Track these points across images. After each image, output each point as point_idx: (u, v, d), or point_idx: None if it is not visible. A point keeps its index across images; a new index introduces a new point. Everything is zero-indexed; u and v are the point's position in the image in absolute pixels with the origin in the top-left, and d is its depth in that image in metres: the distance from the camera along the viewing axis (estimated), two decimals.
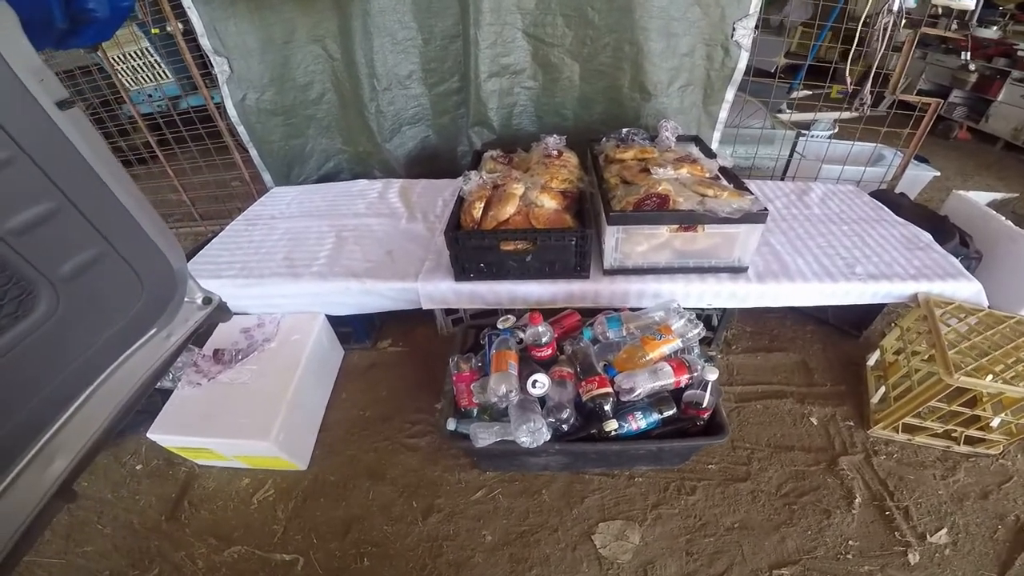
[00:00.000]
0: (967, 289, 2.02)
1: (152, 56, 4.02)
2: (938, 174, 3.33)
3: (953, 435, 1.94)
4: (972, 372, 1.66)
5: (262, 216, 2.58)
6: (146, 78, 4.16)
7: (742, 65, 2.52)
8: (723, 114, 2.74)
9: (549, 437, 1.51)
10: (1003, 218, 2.53)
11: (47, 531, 1.78)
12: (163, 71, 4.10)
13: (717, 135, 2.82)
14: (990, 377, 1.67)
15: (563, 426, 1.58)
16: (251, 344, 2.02)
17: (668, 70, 2.53)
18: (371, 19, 2.44)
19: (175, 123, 3.07)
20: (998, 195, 2.85)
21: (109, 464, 2.02)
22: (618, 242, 1.92)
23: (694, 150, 2.32)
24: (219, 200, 3.42)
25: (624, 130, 2.38)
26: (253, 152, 2.95)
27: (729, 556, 1.66)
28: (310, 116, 2.82)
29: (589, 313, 1.93)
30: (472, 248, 1.92)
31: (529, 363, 1.71)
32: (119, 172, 1.01)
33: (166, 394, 1.86)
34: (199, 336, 1.35)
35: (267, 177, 3.05)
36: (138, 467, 2.01)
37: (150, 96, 4.11)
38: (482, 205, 1.96)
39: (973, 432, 1.90)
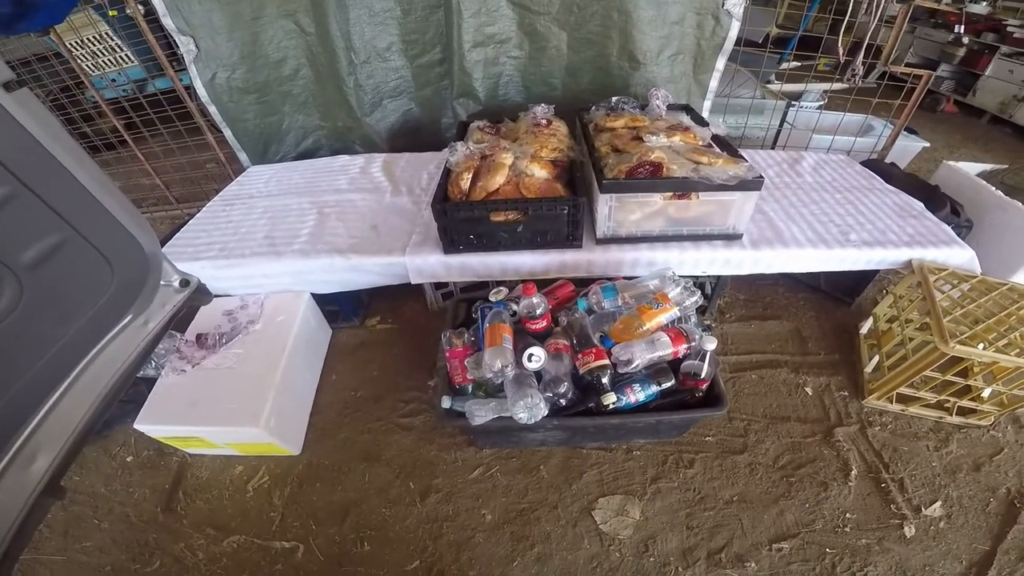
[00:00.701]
0: (960, 256, 2.01)
1: (112, 40, 3.84)
2: (928, 145, 3.32)
3: (946, 406, 1.94)
4: (966, 340, 1.65)
5: (240, 196, 2.48)
6: (108, 63, 3.98)
7: (733, 35, 2.48)
8: (713, 83, 2.70)
9: (547, 412, 1.47)
10: (993, 188, 2.54)
11: (44, 528, 1.74)
12: (126, 55, 3.93)
13: (707, 104, 2.78)
14: (982, 345, 1.66)
15: (561, 400, 1.54)
16: (235, 327, 1.94)
17: (658, 39, 2.47)
18: None
19: (143, 107, 2.94)
20: (987, 166, 2.86)
21: (99, 457, 1.95)
22: (611, 210, 1.87)
23: (685, 118, 2.27)
24: (194, 182, 3.31)
25: (614, 99, 2.32)
26: (227, 132, 2.84)
27: (729, 530, 1.65)
28: (285, 93, 2.72)
29: (582, 283, 1.88)
30: (461, 220, 1.86)
31: (524, 336, 1.66)
32: (80, 155, 0.95)
33: (150, 382, 1.79)
34: (180, 321, 1.30)
35: (243, 157, 2.94)
36: (129, 459, 1.94)
37: (114, 81, 3.94)
38: (470, 176, 1.90)
39: (966, 403, 1.90)
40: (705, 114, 2.76)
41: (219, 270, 2.01)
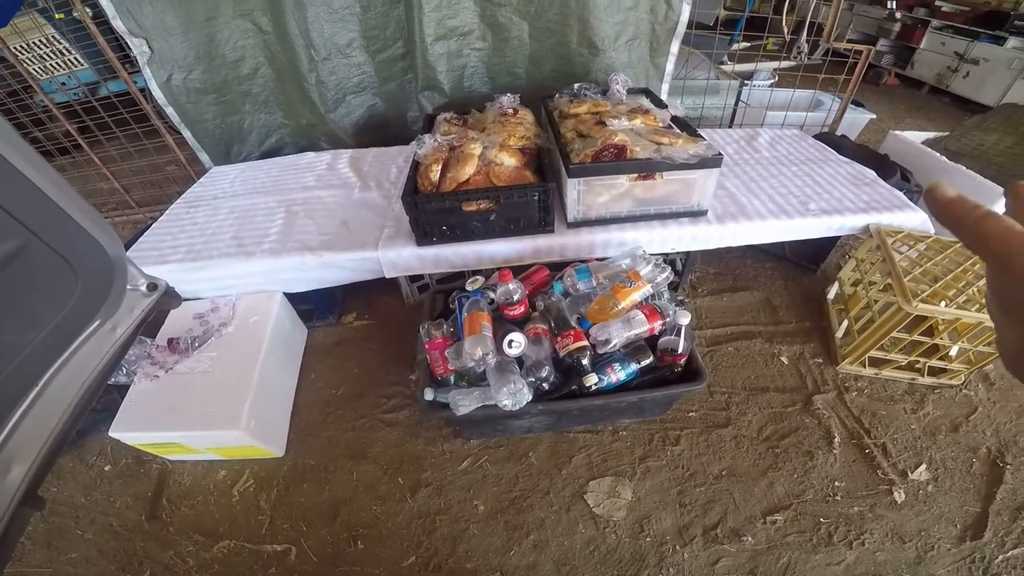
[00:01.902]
0: (914, 219, 2.11)
1: (60, 43, 3.68)
2: (874, 116, 3.47)
3: (917, 367, 2.03)
4: (928, 299, 1.73)
5: (203, 197, 2.42)
6: (57, 66, 3.81)
7: (684, 18, 2.54)
8: (669, 67, 2.76)
9: (531, 397, 1.48)
10: (938, 154, 2.68)
11: (26, 541, 1.70)
12: (75, 58, 3.77)
13: (665, 87, 2.83)
14: (944, 303, 1.74)
15: (543, 384, 1.56)
16: (207, 330, 1.90)
17: (614, 24, 2.51)
18: None
19: (96, 110, 2.83)
20: (931, 134, 3.01)
21: (75, 467, 1.90)
22: (580, 194, 1.90)
23: (645, 101, 2.31)
24: (155, 185, 3.21)
25: (576, 85, 2.35)
26: (187, 133, 2.76)
27: (722, 505, 1.68)
28: (245, 92, 2.66)
29: (557, 267, 1.91)
30: (433, 211, 1.86)
31: (503, 323, 1.67)
32: (32, 156, 0.91)
33: (123, 389, 1.74)
34: (150, 326, 1.26)
35: (204, 158, 2.86)
36: (107, 468, 1.90)
37: (64, 84, 3.78)
38: (439, 168, 1.90)
39: (935, 363, 1.99)
40: (663, 97, 2.81)
41: (187, 273, 1.97)
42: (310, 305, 2.26)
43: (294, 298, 2.14)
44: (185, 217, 2.27)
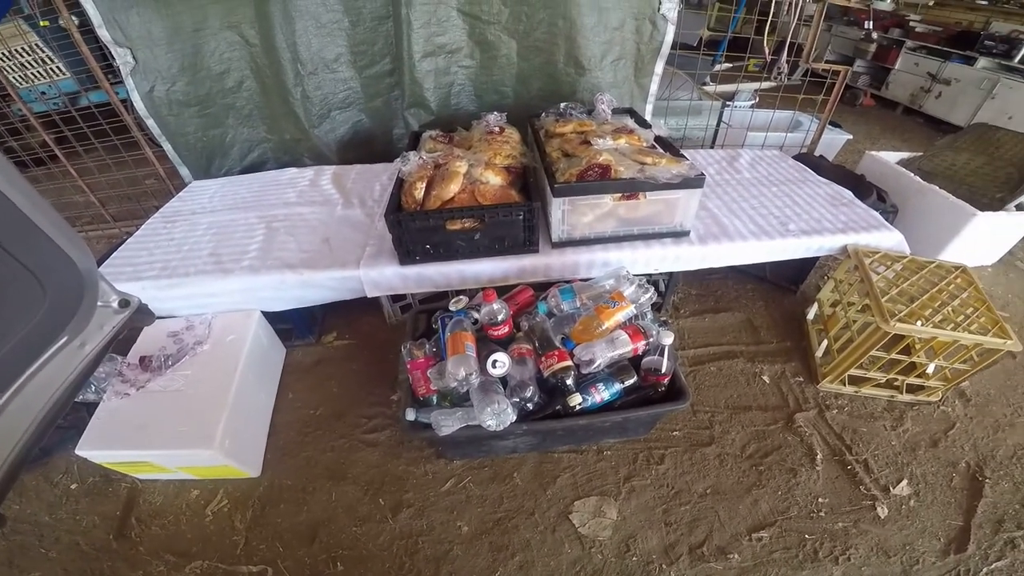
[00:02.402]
0: (890, 239, 2.16)
1: (43, 51, 3.62)
2: (851, 137, 3.56)
3: (895, 384, 2.06)
4: (905, 318, 1.77)
5: (181, 212, 2.38)
6: (38, 75, 3.75)
7: (669, 38, 2.58)
8: (654, 87, 2.80)
9: (515, 418, 1.47)
10: (912, 174, 2.75)
11: None
12: (57, 67, 3.71)
13: (649, 107, 2.87)
14: (920, 322, 1.78)
15: (528, 405, 1.54)
16: (181, 348, 1.86)
17: (601, 44, 2.54)
18: (291, 2, 2.32)
19: (75, 120, 2.78)
20: (905, 154, 3.09)
21: (39, 485, 1.84)
22: (564, 214, 1.91)
23: (629, 121, 2.34)
24: (132, 199, 3.15)
25: (562, 105, 2.37)
26: (167, 146, 2.72)
27: (707, 523, 1.68)
28: (228, 105, 2.63)
29: (542, 287, 1.91)
30: (416, 230, 1.85)
31: (486, 343, 1.66)
32: (3, 166, 0.88)
33: (92, 407, 1.69)
34: (121, 343, 1.24)
35: (184, 172, 2.82)
36: (73, 486, 1.84)
37: (44, 93, 3.71)
38: (423, 185, 1.89)
39: (913, 380, 2.02)
40: (647, 117, 2.85)
41: (162, 290, 1.92)
42: (289, 324, 2.22)
43: (273, 317, 2.10)
44: (162, 232, 2.23)
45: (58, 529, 1.71)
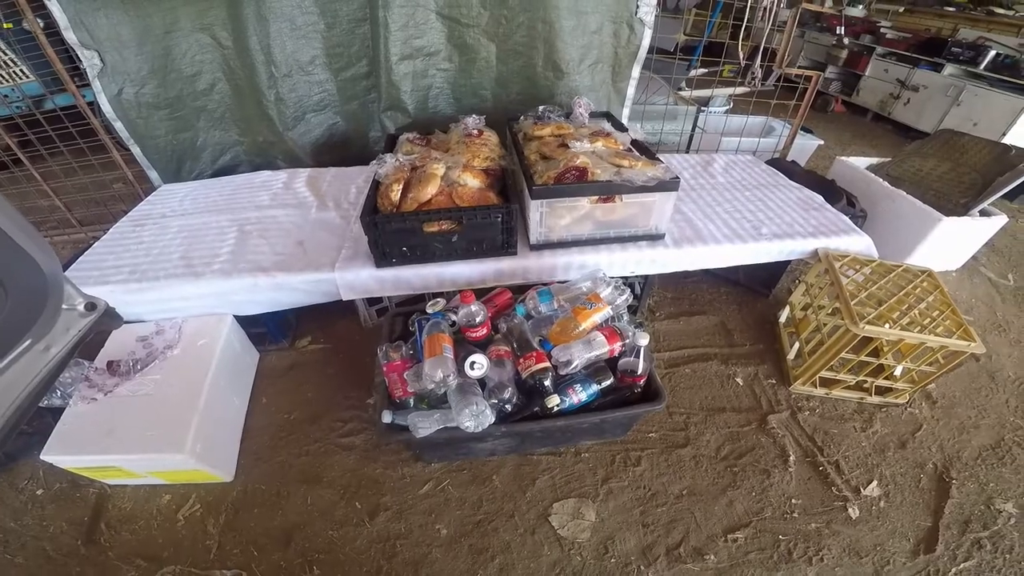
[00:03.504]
0: (859, 243, 2.21)
1: (6, 54, 3.52)
2: (822, 143, 3.63)
3: (864, 386, 2.10)
4: (874, 321, 1.81)
5: (151, 215, 2.33)
6: (1, 78, 3.64)
7: (646, 43, 2.61)
8: (631, 91, 2.83)
9: (493, 419, 1.47)
10: (881, 180, 2.82)
11: None
12: (21, 70, 3.60)
13: (626, 111, 2.90)
14: (888, 325, 1.82)
15: (506, 406, 1.54)
16: (151, 353, 1.81)
17: (579, 48, 2.57)
18: (265, 5, 2.29)
19: (40, 124, 2.71)
20: (874, 160, 3.16)
21: (3, 491, 1.78)
22: (542, 216, 1.91)
23: (607, 125, 2.37)
24: (100, 203, 3.07)
25: (540, 108, 2.39)
26: (136, 149, 2.65)
27: (684, 524, 1.69)
28: (200, 108, 2.59)
29: (520, 290, 1.91)
30: (393, 232, 1.83)
31: (464, 345, 1.65)
32: None
33: (57, 412, 1.65)
34: (88, 347, 1.20)
35: (154, 175, 2.76)
36: (39, 492, 1.78)
37: (6, 97, 3.60)
38: (400, 187, 1.88)
39: (882, 382, 2.06)
40: (624, 121, 2.87)
41: (130, 294, 1.88)
42: (263, 328, 2.18)
43: (246, 321, 2.07)
44: (130, 236, 2.18)
45: (24, 535, 1.67)
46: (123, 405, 1.67)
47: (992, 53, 4.33)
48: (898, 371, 2.06)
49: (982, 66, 4.38)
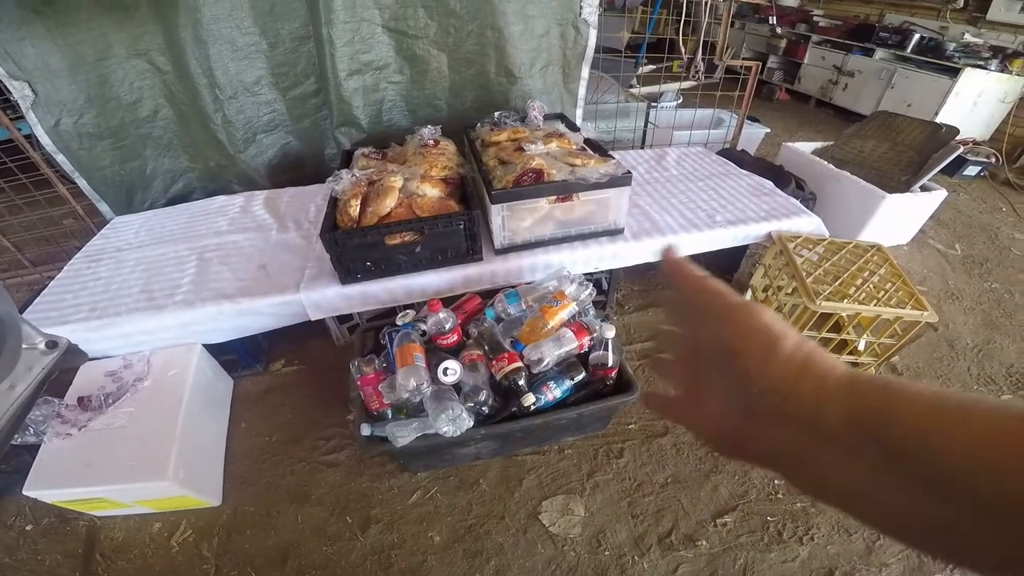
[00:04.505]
0: (810, 223, 2.31)
1: None
2: (769, 131, 3.76)
3: None
4: (830, 296, 1.88)
5: (106, 250, 2.26)
6: None
7: (592, 43, 2.66)
8: (582, 91, 2.88)
9: (471, 423, 1.48)
10: (826, 162, 2.94)
11: None
12: None
13: (579, 112, 2.95)
14: (846, 300, 1.89)
15: (483, 408, 1.56)
16: (121, 386, 1.77)
17: (529, 52, 2.60)
18: (203, 28, 2.24)
19: None
20: (819, 144, 3.30)
21: None
22: (504, 220, 1.94)
23: (560, 126, 2.41)
24: (51, 241, 2.95)
25: (496, 114, 2.41)
26: (82, 182, 2.56)
27: (672, 512, 1.73)
28: (144, 135, 2.52)
29: (488, 295, 1.93)
30: (354, 247, 1.83)
31: (437, 353, 1.67)
32: None
33: (33, 450, 1.62)
34: (55, 385, 1.19)
35: (104, 207, 2.67)
36: (28, 528, 1.75)
37: None
38: (358, 203, 1.88)
39: (847, 357, 2.14)
40: (578, 121, 2.92)
41: (92, 332, 1.83)
42: (234, 355, 2.15)
43: (216, 349, 2.03)
44: (87, 272, 2.11)
45: (21, 570, 1.64)
46: (99, 438, 1.64)
47: (917, 36, 4.57)
48: (861, 345, 2.14)
49: (909, 49, 4.61)
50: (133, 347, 1.91)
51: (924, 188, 2.83)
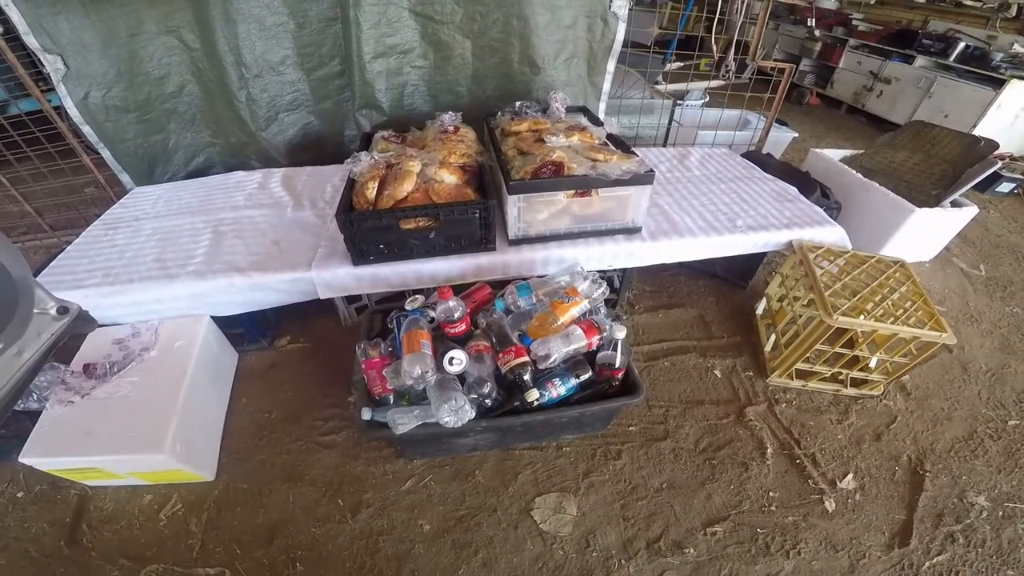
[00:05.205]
0: (833, 234, 2.24)
1: None
2: (797, 135, 3.69)
3: (840, 378, 2.12)
4: (847, 312, 1.83)
5: (124, 219, 2.29)
6: None
7: (620, 36, 2.62)
8: (606, 85, 2.84)
9: (473, 415, 1.47)
10: (855, 171, 2.86)
11: None
12: None
13: (602, 106, 2.91)
14: (862, 316, 1.84)
15: (486, 401, 1.55)
16: (127, 355, 1.79)
17: (554, 43, 2.57)
18: (232, 6, 2.26)
19: (4, 129, 2.66)
20: (848, 152, 3.22)
21: None
22: (520, 211, 1.92)
23: (583, 119, 2.37)
24: (71, 208, 3.01)
25: (517, 103, 2.39)
26: (106, 153, 2.61)
27: (663, 518, 1.71)
28: (170, 110, 2.55)
29: (499, 285, 1.91)
30: (369, 229, 1.83)
31: (444, 341, 1.66)
32: None
33: (34, 416, 1.64)
34: (62, 351, 1.20)
35: (125, 178, 2.71)
36: (19, 495, 1.77)
37: None
38: (375, 185, 1.87)
39: (857, 374, 2.09)
40: (601, 115, 2.89)
41: (105, 298, 1.85)
42: (241, 329, 2.16)
43: (224, 322, 2.05)
44: (103, 239, 2.14)
45: (5, 537, 1.66)
46: (101, 407, 1.65)
47: (962, 45, 4.42)
48: (872, 362, 2.09)
49: (952, 58, 4.46)
50: (143, 315, 1.93)
51: (955, 203, 2.74)
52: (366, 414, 1.54)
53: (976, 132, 3.49)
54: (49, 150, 2.70)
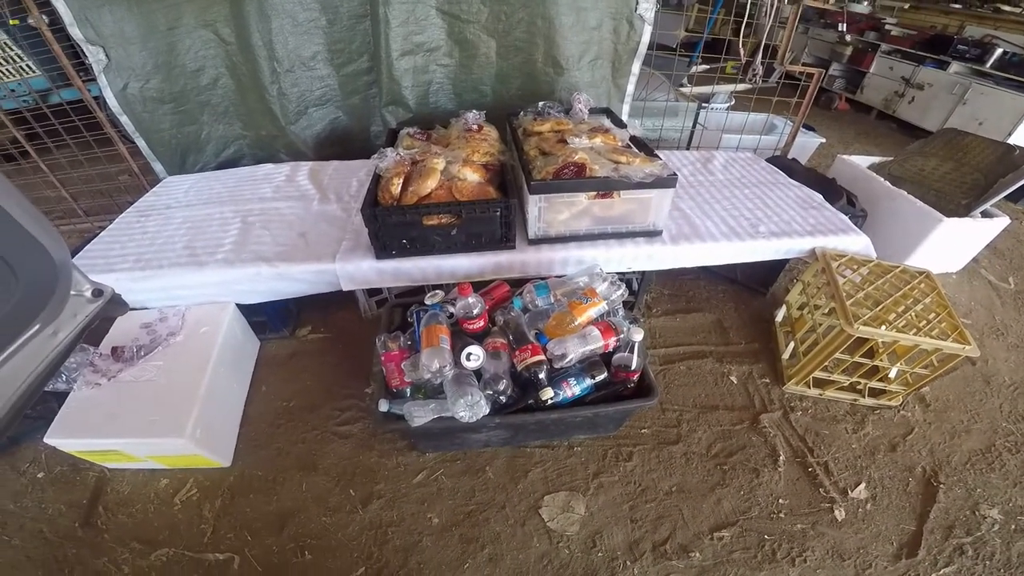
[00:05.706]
0: (857, 243, 2.21)
1: (12, 49, 3.56)
2: (824, 141, 3.62)
3: (858, 388, 2.09)
4: (869, 322, 1.80)
5: (155, 206, 2.36)
6: (7, 72, 3.68)
7: (646, 39, 2.62)
8: (631, 87, 2.84)
9: (488, 411, 1.49)
10: (882, 179, 2.81)
11: None
12: (27, 65, 3.65)
13: (626, 108, 2.91)
14: (884, 327, 1.81)
15: (501, 398, 1.56)
16: (154, 339, 1.86)
17: (579, 44, 2.58)
18: (267, 2, 2.33)
19: (46, 117, 2.76)
20: (876, 159, 3.15)
21: (5, 474, 1.83)
22: (541, 211, 1.93)
23: (606, 121, 2.37)
24: (105, 195, 3.12)
25: (540, 103, 2.41)
26: (141, 143, 2.70)
27: (671, 521, 1.71)
28: (204, 102, 2.63)
29: (517, 283, 1.92)
30: (393, 224, 1.86)
31: (461, 337, 1.68)
32: None
33: (61, 397, 1.69)
34: (93, 333, 1.24)
35: (159, 167, 2.80)
36: (40, 475, 1.82)
37: (13, 91, 3.65)
38: (400, 181, 1.91)
39: (875, 384, 2.06)
40: (624, 117, 2.89)
41: (135, 282, 1.92)
42: (263, 317, 2.21)
43: (247, 310, 2.10)
44: (136, 226, 2.21)
45: (23, 517, 1.71)
46: (126, 390, 1.71)
47: (999, 51, 4.31)
48: (892, 373, 2.06)
49: (988, 64, 4.36)
50: (171, 300, 2.00)
51: (985, 214, 2.67)
52: (383, 405, 1.57)
53: (1011, 141, 3.39)
54: (87, 138, 2.79)
